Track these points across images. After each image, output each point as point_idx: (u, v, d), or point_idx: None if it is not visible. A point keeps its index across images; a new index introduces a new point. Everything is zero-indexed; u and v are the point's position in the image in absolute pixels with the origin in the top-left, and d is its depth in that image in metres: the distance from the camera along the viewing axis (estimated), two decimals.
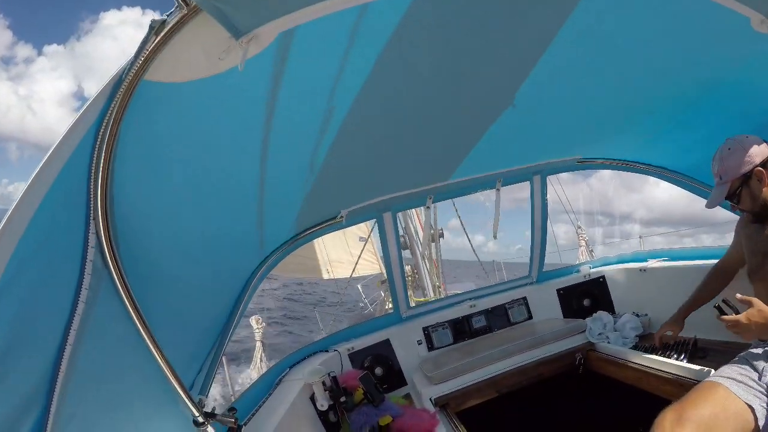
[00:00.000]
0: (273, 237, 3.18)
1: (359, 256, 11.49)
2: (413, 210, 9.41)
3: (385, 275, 4.26)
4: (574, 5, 1.75)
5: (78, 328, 1.42)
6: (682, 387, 2.66)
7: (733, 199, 2.56)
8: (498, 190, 3.94)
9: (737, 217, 2.88)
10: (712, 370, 2.47)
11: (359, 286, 13.21)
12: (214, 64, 1.39)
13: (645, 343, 3.43)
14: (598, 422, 3.80)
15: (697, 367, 2.66)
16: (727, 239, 3.09)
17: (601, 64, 2.31)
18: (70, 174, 1.32)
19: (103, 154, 1.37)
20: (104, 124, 1.32)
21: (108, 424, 1.62)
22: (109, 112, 1.31)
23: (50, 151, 1.23)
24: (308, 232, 3.54)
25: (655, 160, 3.97)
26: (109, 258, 1.51)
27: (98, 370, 1.56)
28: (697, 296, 3.11)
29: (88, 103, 1.28)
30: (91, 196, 1.42)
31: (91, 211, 1.44)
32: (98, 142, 1.35)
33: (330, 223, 3.61)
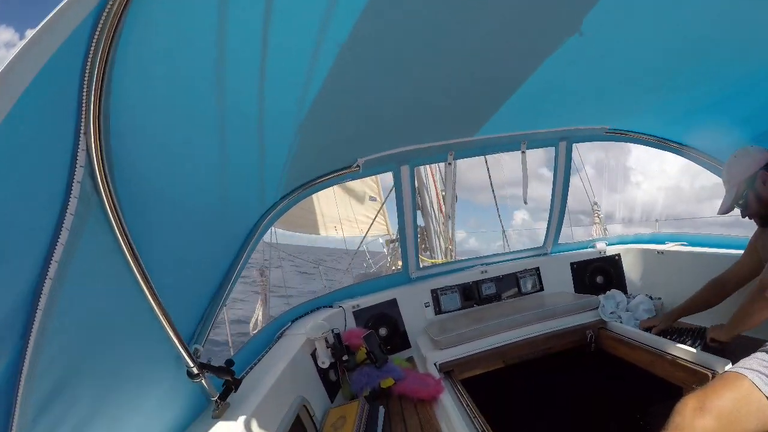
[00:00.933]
0: (284, 181, 3.02)
1: (376, 215, 11.42)
2: (428, 168, 9.28)
3: (393, 236, 4.16)
4: None
5: (60, 259, 1.23)
6: (695, 375, 2.58)
7: (740, 202, 2.62)
8: (523, 152, 3.76)
9: None
10: (729, 362, 2.42)
11: (366, 247, 13.15)
12: None
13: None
14: (605, 402, 3.76)
15: (714, 357, 2.55)
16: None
17: (647, 30, 2.14)
18: (59, 69, 1.11)
19: (101, 52, 1.17)
20: (105, 12, 1.12)
21: (91, 373, 1.43)
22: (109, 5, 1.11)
23: (36, 30, 1.01)
24: (322, 179, 3.38)
25: (685, 140, 3.80)
26: (100, 181, 1.32)
27: (83, 311, 1.36)
28: (690, 304, 3.11)
29: None
30: (83, 103, 1.22)
31: (83, 123, 1.24)
32: (96, 35, 1.15)
33: (345, 172, 3.45)
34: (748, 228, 2.85)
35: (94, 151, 1.27)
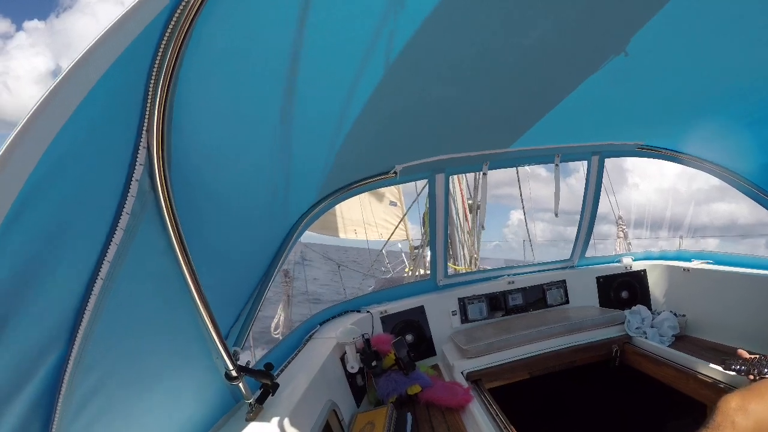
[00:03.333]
0: (323, 184, 3.05)
1: (399, 222, 11.41)
2: (455, 178, 9.26)
3: (412, 242, 4.17)
4: None
5: (113, 259, 1.23)
6: (721, 393, 2.51)
7: None
8: (557, 165, 3.76)
9: None
10: None
11: (383, 251, 13.14)
12: None
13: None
14: (629, 417, 3.74)
15: (741, 378, 2.50)
16: None
17: (686, 51, 2.15)
18: (127, 66, 1.11)
19: (171, 51, 1.17)
20: (179, 8, 1.11)
21: (131, 371, 1.44)
22: (183, 2, 1.10)
23: (111, 24, 1.00)
24: (360, 183, 3.41)
25: (719, 160, 3.77)
26: (158, 180, 1.32)
27: (129, 311, 1.37)
28: None
29: None
30: (149, 101, 1.22)
31: (146, 121, 1.24)
32: (168, 31, 1.14)
33: (382, 177, 3.47)
34: None
35: (156, 149, 1.28)
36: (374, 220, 14.47)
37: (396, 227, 10.74)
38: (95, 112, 1.06)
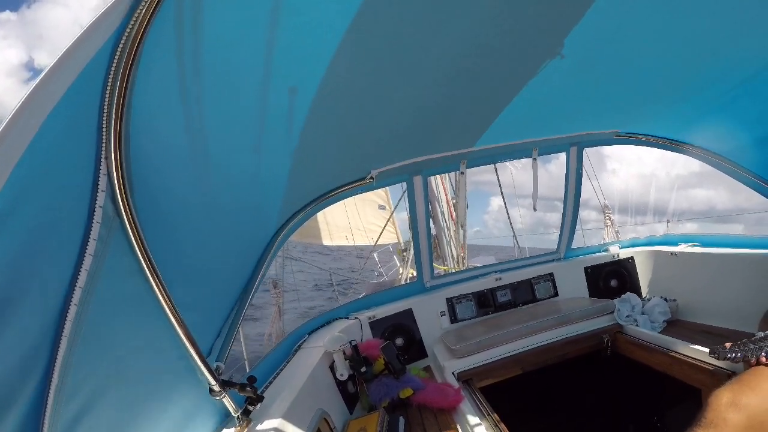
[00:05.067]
0: (298, 195, 3.03)
1: (385, 225, 11.39)
2: (438, 177, 9.26)
3: (403, 245, 4.17)
4: None
5: (85, 285, 1.24)
6: (713, 376, 2.57)
7: None
8: (534, 159, 3.77)
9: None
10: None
11: (375, 255, 13.12)
12: None
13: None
14: (624, 406, 3.75)
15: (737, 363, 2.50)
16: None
17: (654, 30, 2.13)
18: (79, 97, 1.11)
19: (120, 78, 1.17)
20: (125, 36, 1.12)
21: (116, 395, 1.44)
22: (130, 25, 1.11)
23: (55, 61, 1.01)
24: (336, 191, 3.39)
25: (697, 141, 3.78)
26: (122, 205, 1.32)
27: (107, 334, 1.37)
28: None
29: (107, 7, 1.05)
30: (104, 129, 1.22)
31: (103, 149, 1.24)
32: (115, 62, 1.15)
33: (359, 184, 3.45)
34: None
35: (116, 174, 1.28)
36: (363, 225, 14.45)
37: (382, 231, 10.71)
38: (52, 141, 1.06)
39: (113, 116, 1.22)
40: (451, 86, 2.34)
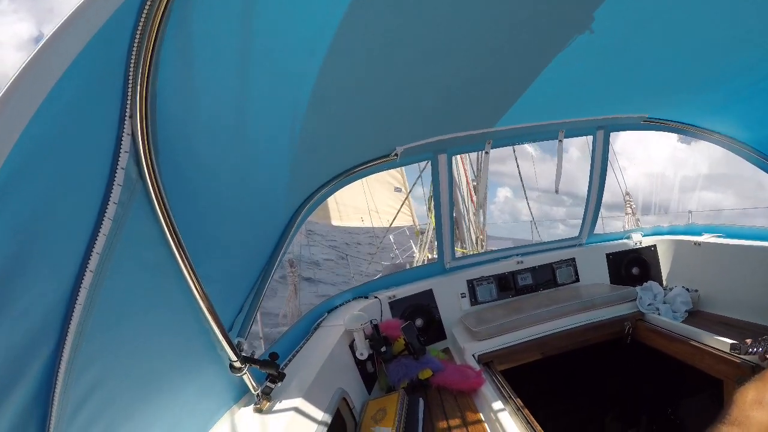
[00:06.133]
0: (323, 170, 2.99)
1: (401, 207, 11.34)
2: (458, 158, 9.18)
3: (419, 227, 4.11)
4: None
5: (102, 251, 1.18)
6: (737, 368, 2.51)
7: None
8: (560, 141, 3.69)
9: None
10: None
11: (391, 237, 13.12)
12: None
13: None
14: (644, 395, 3.70)
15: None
16: None
17: (690, 20, 2.07)
18: (103, 49, 1.06)
19: (148, 32, 1.11)
20: None
21: (130, 369, 1.40)
22: None
23: (77, 7, 0.94)
24: (360, 167, 3.34)
25: (724, 130, 3.70)
26: (146, 168, 1.27)
27: (124, 304, 1.33)
28: None
29: None
30: (130, 86, 1.17)
31: (128, 107, 1.19)
32: (146, 9, 1.09)
33: (384, 161, 3.40)
34: None
35: (140, 135, 1.23)
36: (378, 207, 14.42)
37: (398, 212, 10.63)
38: (72, 95, 1.01)
39: (140, 72, 1.17)
40: (478, 63, 2.27)
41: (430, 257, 9.37)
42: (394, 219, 10.97)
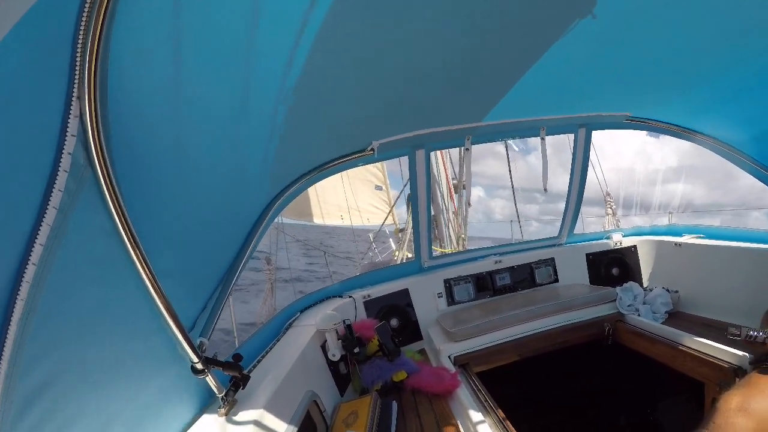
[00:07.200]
0: (294, 165, 2.89)
1: (391, 209, 11.32)
2: (439, 154, 9.14)
3: (399, 225, 4.05)
4: None
5: (46, 243, 1.10)
6: (720, 371, 2.49)
7: None
8: (543, 138, 3.62)
9: None
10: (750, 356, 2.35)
11: (370, 235, 13.08)
12: None
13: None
14: (623, 396, 3.68)
15: (739, 352, 2.44)
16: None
17: (674, 18, 2.02)
18: (50, 20, 0.97)
19: (98, 4, 1.02)
20: None
21: (82, 368, 1.31)
22: None
23: None
24: (335, 162, 3.24)
25: (707, 130, 3.68)
26: (95, 153, 1.18)
27: (72, 301, 1.23)
28: None
29: None
30: (77, 64, 1.07)
31: (75, 86, 1.10)
32: None
33: (359, 155, 3.29)
34: None
35: (89, 117, 1.14)
36: (359, 205, 14.38)
37: (388, 215, 10.58)
38: (10, 74, 0.92)
39: (88, 49, 1.07)
40: (460, 57, 2.19)
41: (409, 256, 9.32)
42: (384, 221, 10.94)
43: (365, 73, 2.13)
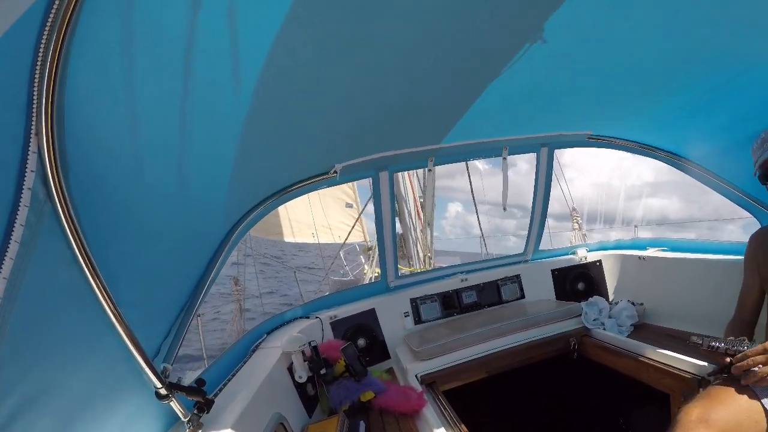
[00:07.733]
0: (256, 189, 2.89)
1: (352, 227, 11.31)
2: (405, 174, 9.20)
3: (369, 243, 4.06)
4: None
5: (10, 276, 1.09)
6: (683, 382, 2.54)
7: (764, 181, 2.42)
8: (504, 158, 3.68)
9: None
10: (714, 366, 2.36)
11: (341, 253, 13.06)
12: None
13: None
14: (591, 411, 3.72)
15: (702, 363, 2.49)
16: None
17: (630, 35, 2.06)
18: (6, 58, 0.99)
19: (54, 41, 1.03)
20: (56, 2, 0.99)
21: (48, 400, 1.29)
22: None
23: None
24: (298, 185, 3.23)
25: (668, 146, 3.77)
26: (54, 188, 1.19)
27: (37, 331, 1.23)
28: None
29: None
30: (35, 99, 1.08)
31: (33, 122, 1.11)
32: (49, 22, 1.02)
33: (322, 178, 3.29)
34: None
35: (47, 153, 1.15)
36: (329, 223, 14.37)
37: (351, 230, 10.60)
38: None
39: (45, 84, 1.08)
40: (419, 79, 2.23)
41: (378, 273, 9.35)
42: (347, 237, 10.93)
43: (327, 97, 2.15)
